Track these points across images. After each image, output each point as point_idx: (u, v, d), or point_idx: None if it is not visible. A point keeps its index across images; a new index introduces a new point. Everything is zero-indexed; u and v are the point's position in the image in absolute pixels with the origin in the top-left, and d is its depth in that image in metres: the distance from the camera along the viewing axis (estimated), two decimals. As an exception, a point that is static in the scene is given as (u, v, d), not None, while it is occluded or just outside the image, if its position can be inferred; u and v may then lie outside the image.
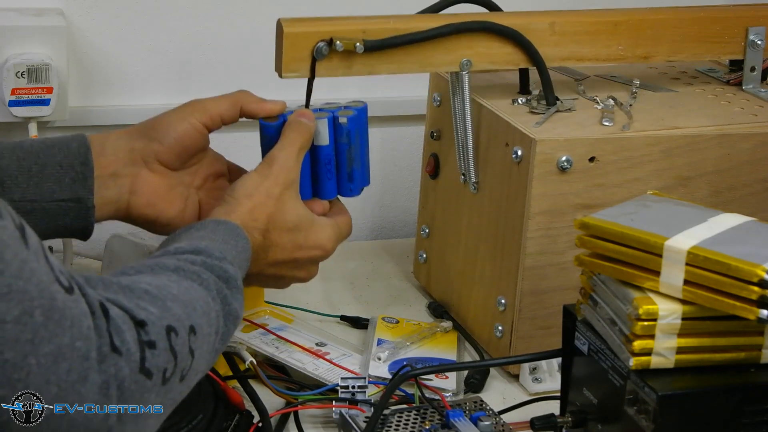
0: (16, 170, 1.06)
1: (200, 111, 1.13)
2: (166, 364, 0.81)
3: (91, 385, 0.75)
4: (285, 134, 1.10)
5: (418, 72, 1.27)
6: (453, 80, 1.28)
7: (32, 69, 1.40)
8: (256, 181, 1.07)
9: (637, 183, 1.23)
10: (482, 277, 1.30)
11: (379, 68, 1.23)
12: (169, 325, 0.83)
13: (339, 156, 1.13)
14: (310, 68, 1.19)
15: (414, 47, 1.24)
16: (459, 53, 1.26)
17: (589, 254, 1.03)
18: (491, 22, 1.27)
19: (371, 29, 1.21)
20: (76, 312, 0.75)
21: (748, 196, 1.28)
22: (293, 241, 1.08)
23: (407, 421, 1.11)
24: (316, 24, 1.20)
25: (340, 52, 1.20)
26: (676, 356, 0.97)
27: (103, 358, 0.76)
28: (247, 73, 1.55)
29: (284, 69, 1.20)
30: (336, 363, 1.24)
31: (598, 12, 1.34)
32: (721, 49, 1.38)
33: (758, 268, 0.92)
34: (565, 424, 1.08)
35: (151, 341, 0.80)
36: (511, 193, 1.23)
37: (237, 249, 1.00)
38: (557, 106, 1.28)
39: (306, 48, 1.19)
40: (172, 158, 1.12)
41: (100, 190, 1.10)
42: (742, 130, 1.27)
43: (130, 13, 1.50)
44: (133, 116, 1.51)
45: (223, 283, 0.93)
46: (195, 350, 0.86)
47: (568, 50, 1.31)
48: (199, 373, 0.89)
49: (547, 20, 1.30)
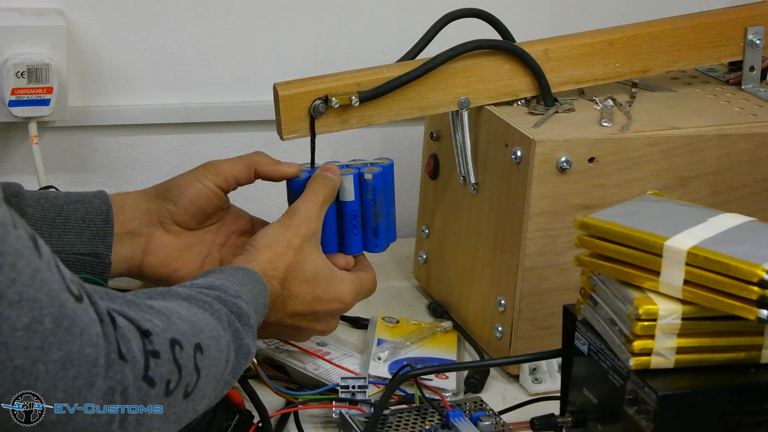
0: (40, 220, 1.10)
1: (214, 173, 1.16)
2: (169, 376, 0.82)
3: (96, 391, 0.76)
4: (309, 187, 1.14)
5: (416, 116, 1.28)
6: (453, 119, 1.28)
7: (32, 69, 1.40)
8: (277, 232, 1.09)
9: (636, 183, 1.23)
10: (482, 277, 1.30)
11: (377, 118, 1.24)
12: (173, 338, 0.84)
13: (364, 212, 1.17)
14: (310, 127, 1.21)
15: (409, 91, 1.25)
16: (455, 92, 1.26)
17: (589, 254, 1.03)
18: (481, 39, 1.27)
19: (365, 81, 1.23)
20: (86, 320, 0.77)
21: (748, 196, 1.28)
22: (312, 293, 1.10)
23: (407, 421, 1.11)
24: (310, 83, 1.22)
25: (336, 108, 1.21)
26: (676, 356, 0.97)
27: (110, 364, 0.78)
28: (247, 73, 1.55)
29: (284, 131, 1.22)
30: (336, 363, 1.24)
31: (592, 33, 1.34)
32: (719, 53, 1.38)
33: (758, 268, 0.92)
34: (565, 424, 1.08)
35: (156, 351, 0.81)
36: (511, 193, 1.23)
37: (254, 293, 1.01)
38: (556, 107, 1.28)
39: (303, 108, 1.21)
40: (187, 219, 1.15)
41: (117, 247, 1.13)
42: (742, 130, 1.27)
43: (130, 13, 1.50)
44: (133, 116, 1.52)
45: (236, 317, 0.94)
46: (201, 369, 0.87)
47: (565, 75, 1.31)
48: (206, 398, 0.90)
49: (540, 48, 1.30)
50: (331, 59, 1.55)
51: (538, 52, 1.29)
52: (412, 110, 1.26)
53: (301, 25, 1.56)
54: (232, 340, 0.93)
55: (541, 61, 1.29)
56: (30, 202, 1.10)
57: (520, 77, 1.29)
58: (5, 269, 0.72)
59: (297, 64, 1.53)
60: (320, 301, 1.11)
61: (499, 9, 1.36)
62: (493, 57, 1.28)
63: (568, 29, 1.36)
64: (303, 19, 1.56)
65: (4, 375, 0.72)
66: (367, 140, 1.63)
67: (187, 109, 1.54)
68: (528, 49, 1.29)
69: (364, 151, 1.64)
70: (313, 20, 1.56)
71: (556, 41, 1.32)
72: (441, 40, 1.30)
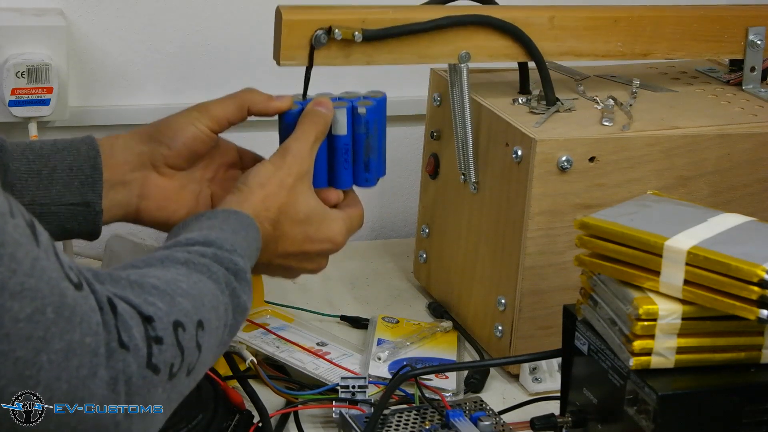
0: (26, 173, 1.07)
1: (207, 116, 1.13)
2: (173, 360, 0.82)
3: (99, 381, 0.76)
4: (301, 124, 1.10)
5: (416, 63, 1.27)
6: (452, 73, 1.28)
7: (32, 69, 1.40)
8: (270, 171, 1.06)
9: (637, 183, 1.23)
10: (482, 277, 1.30)
11: (378, 58, 1.23)
12: (176, 320, 0.83)
13: (356, 146, 1.13)
14: (309, 56, 1.19)
15: (412, 38, 1.24)
16: (457, 45, 1.26)
17: (589, 254, 1.03)
18: (490, 17, 1.26)
19: (370, 19, 1.21)
20: (86, 308, 0.76)
21: (748, 196, 1.28)
22: (304, 233, 1.07)
23: (407, 421, 1.11)
24: (315, 12, 1.20)
25: (339, 41, 1.20)
26: (676, 356, 0.97)
27: (111, 353, 0.77)
28: (247, 73, 1.55)
29: (282, 57, 1.20)
30: (336, 363, 1.24)
31: (598, 8, 1.34)
32: (720, 49, 1.38)
33: (758, 268, 0.92)
34: (565, 424, 1.08)
35: (158, 337, 0.81)
36: (511, 193, 1.23)
37: (248, 240, 0.99)
38: (557, 106, 1.28)
39: (304, 36, 1.19)
40: (181, 161, 1.12)
41: (109, 194, 1.10)
42: (742, 130, 1.27)
43: (130, 13, 1.50)
44: (133, 116, 1.51)
45: (233, 276, 0.93)
46: (202, 345, 0.86)
47: (567, 45, 1.31)
48: (207, 366, 0.90)
49: (546, 14, 1.30)
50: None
51: (543, 17, 1.29)
52: (413, 57, 1.25)
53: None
54: (229, 301, 0.92)
55: (546, 27, 1.29)
56: (15, 155, 1.07)
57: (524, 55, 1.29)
58: (5, 260, 0.71)
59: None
60: (312, 241, 1.08)
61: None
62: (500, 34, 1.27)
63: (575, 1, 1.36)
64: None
65: (7, 366, 0.72)
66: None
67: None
68: (534, 13, 1.29)
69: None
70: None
71: (563, 9, 1.31)
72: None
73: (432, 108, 1.39)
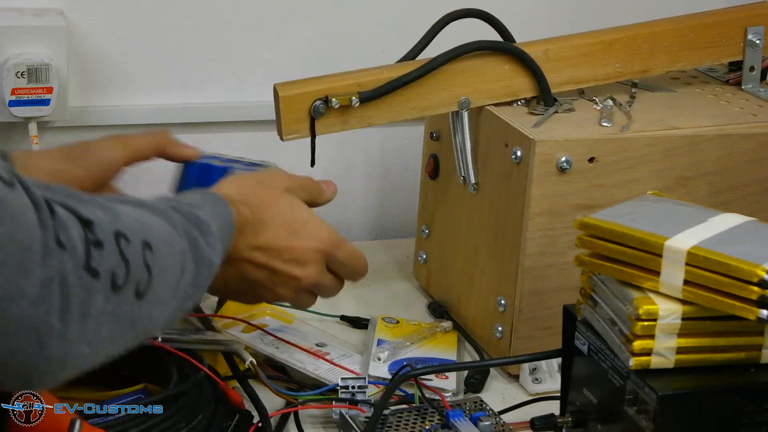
0: None
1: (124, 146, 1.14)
2: (114, 269, 0.77)
3: (33, 280, 0.72)
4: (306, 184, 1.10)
5: (417, 117, 1.28)
6: (453, 119, 1.28)
7: (32, 69, 1.40)
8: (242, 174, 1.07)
9: (637, 183, 1.23)
10: (482, 277, 1.30)
11: (377, 118, 1.25)
12: (118, 230, 0.79)
13: None
14: (310, 128, 1.20)
15: (409, 91, 1.25)
16: (455, 92, 1.26)
17: (589, 254, 1.03)
18: (481, 41, 1.27)
19: (365, 82, 1.23)
20: (17, 204, 0.72)
21: (748, 196, 1.28)
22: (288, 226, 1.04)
23: (407, 421, 1.11)
24: (311, 84, 1.22)
25: (337, 109, 1.21)
26: (676, 356, 0.97)
27: (48, 252, 0.73)
28: (247, 73, 1.55)
29: (284, 132, 1.22)
30: (336, 363, 1.24)
31: (591, 33, 1.34)
32: (719, 53, 1.38)
33: (758, 268, 0.92)
34: (565, 424, 1.08)
35: (98, 240, 0.76)
36: (511, 193, 1.23)
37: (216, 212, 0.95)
38: (556, 107, 1.28)
39: (303, 109, 1.22)
40: (90, 184, 1.13)
41: None
42: (742, 130, 1.27)
43: (130, 13, 1.50)
44: (133, 116, 1.52)
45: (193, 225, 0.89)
46: (152, 268, 0.81)
47: (565, 75, 1.31)
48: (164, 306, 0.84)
49: (540, 48, 1.30)
50: (332, 59, 1.55)
51: (538, 52, 1.29)
52: (413, 110, 1.26)
53: (302, 26, 1.56)
54: (188, 247, 0.88)
55: (541, 61, 1.29)
56: None
57: (521, 77, 1.29)
58: None
59: (297, 64, 1.53)
60: (297, 236, 1.05)
61: (499, 9, 1.36)
62: (493, 57, 1.28)
63: (568, 29, 1.36)
64: (303, 20, 1.56)
65: None
66: (367, 140, 1.63)
67: (187, 109, 1.54)
68: (528, 49, 1.29)
69: (363, 152, 1.64)
70: (313, 21, 1.56)
71: (556, 41, 1.32)
72: (441, 40, 1.30)
73: (432, 108, 1.39)
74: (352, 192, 1.65)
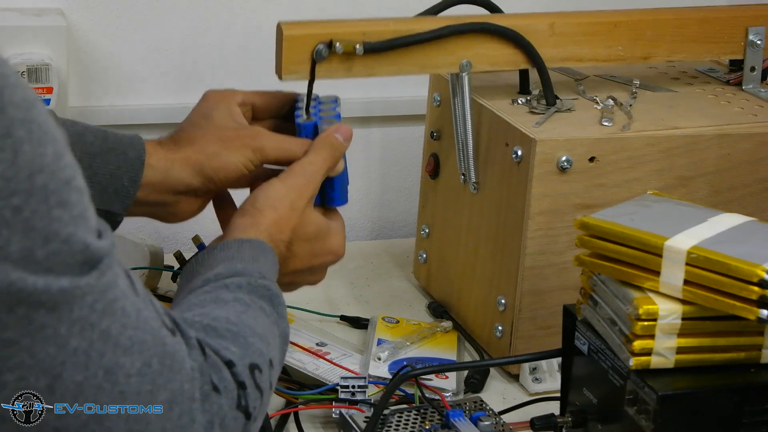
0: None
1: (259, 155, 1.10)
2: (255, 402, 0.81)
3: (198, 426, 0.75)
4: (319, 149, 1.08)
5: (418, 73, 1.28)
6: (453, 81, 1.28)
7: (32, 69, 1.40)
8: (281, 193, 1.03)
9: (637, 183, 1.23)
10: (482, 277, 1.30)
11: (379, 70, 1.23)
12: (252, 363, 0.82)
13: None
14: (310, 70, 1.19)
15: (413, 49, 1.24)
16: (458, 54, 1.26)
17: (589, 254, 1.03)
18: (490, 23, 1.27)
19: (371, 31, 1.22)
20: (182, 354, 0.75)
21: (748, 196, 1.28)
22: (311, 251, 1.07)
23: (407, 421, 1.11)
24: (316, 26, 1.20)
25: (340, 54, 1.20)
26: (676, 356, 0.97)
27: (205, 397, 0.76)
28: (247, 73, 1.55)
29: (284, 71, 1.20)
30: (336, 363, 1.24)
31: (598, 13, 1.34)
32: (720, 49, 1.38)
33: (758, 268, 0.92)
34: (565, 424, 1.08)
35: (241, 382, 0.80)
36: (511, 193, 1.23)
37: (268, 265, 0.97)
38: (557, 106, 1.28)
39: (306, 50, 1.19)
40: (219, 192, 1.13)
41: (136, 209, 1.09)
42: (742, 130, 1.27)
43: (130, 13, 1.50)
44: (133, 116, 1.51)
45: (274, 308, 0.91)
46: (273, 383, 0.86)
47: (567, 51, 1.31)
48: None
49: (546, 21, 1.30)
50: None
51: (544, 24, 1.29)
52: (414, 67, 1.25)
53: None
54: (278, 333, 0.91)
55: (546, 34, 1.29)
56: None
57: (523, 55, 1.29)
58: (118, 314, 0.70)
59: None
60: (317, 256, 1.07)
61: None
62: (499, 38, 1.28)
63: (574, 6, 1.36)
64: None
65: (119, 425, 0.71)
66: (367, 138, 1.63)
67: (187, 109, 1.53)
68: (534, 20, 1.29)
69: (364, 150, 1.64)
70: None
71: (562, 16, 1.31)
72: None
73: (432, 108, 1.39)
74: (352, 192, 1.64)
